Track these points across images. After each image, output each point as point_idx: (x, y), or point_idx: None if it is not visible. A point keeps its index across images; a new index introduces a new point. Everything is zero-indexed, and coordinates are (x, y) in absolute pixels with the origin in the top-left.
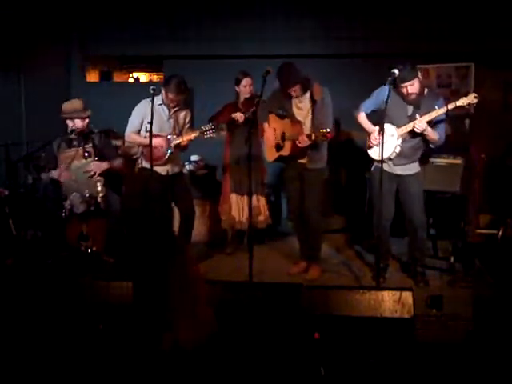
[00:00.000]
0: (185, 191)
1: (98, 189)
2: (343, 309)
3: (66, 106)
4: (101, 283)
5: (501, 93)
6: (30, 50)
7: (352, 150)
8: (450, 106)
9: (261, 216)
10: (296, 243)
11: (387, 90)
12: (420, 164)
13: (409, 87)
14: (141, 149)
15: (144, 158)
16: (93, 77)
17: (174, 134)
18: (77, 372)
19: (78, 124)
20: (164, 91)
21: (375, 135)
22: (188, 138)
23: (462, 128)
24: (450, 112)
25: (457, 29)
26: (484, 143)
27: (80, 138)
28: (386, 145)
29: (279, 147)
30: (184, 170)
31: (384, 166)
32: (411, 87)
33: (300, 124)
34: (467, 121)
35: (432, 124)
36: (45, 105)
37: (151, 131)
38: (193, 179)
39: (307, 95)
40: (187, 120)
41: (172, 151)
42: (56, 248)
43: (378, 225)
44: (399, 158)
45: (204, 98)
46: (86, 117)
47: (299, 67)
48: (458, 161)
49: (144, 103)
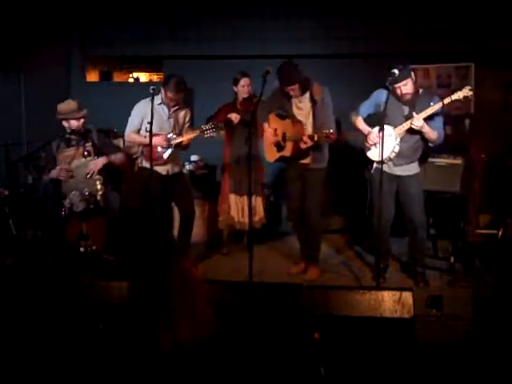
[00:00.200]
0: (185, 191)
1: (98, 187)
2: (343, 309)
3: (61, 107)
4: (100, 283)
5: (501, 93)
6: (30, 50)
7: (352, 150)
8: (446, 101)
9: (256, 216)
10: (296, 243)
11: (385, 92)
12: (420, 164)
13: (402, 87)
14: (141, 148)
15: (144, 158)
16: (93, 77)
17: (174, 134)
18: (77, 372)
19: (73, 124)
20: (163, 90)
21: (373, 136)
22: (188, 137)
23: (462, 128)
24: (451, 112)
25: (457, 29)
26: (484, 143)
27: (79, 138)
28: (385, 145)
29: (280, 148)
30: (184, 170)
31: (384, 167)
32: (404, 87)
33: (301, 124)
34: (467, 121)
35: (429, 121)
36: (45, 105)
37: (151, 131)
38: (192, 179)
39: (307, 95)
40: (187, 119)
41: (172, 150)
42: (56, 248)
43: (379, 225)
44: (399, 158)
45: (204, 98)
46: (81, 117)
47: (300, 67)
48: (458, 161)
49: (144, 103)
